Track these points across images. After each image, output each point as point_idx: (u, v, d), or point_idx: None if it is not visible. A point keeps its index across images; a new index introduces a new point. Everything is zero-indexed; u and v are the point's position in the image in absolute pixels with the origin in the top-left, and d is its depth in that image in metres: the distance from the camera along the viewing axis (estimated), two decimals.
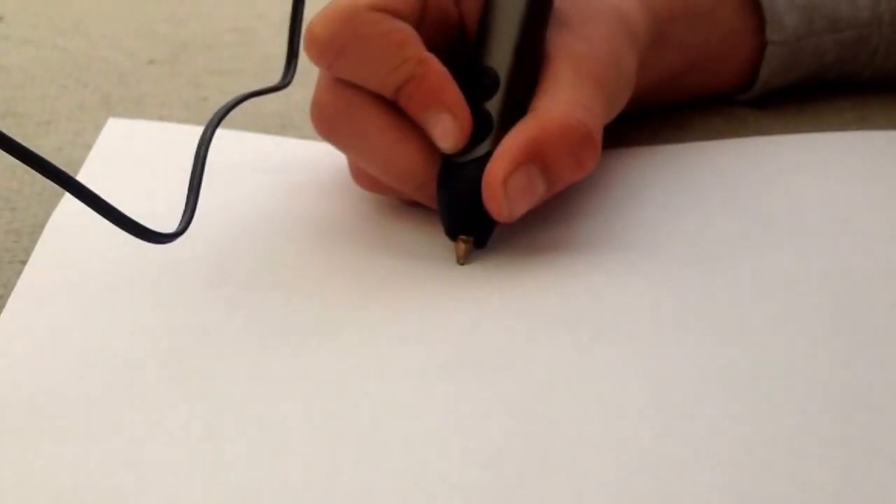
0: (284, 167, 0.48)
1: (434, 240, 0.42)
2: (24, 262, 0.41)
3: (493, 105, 0.40)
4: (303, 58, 0.42)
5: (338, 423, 0.32)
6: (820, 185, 0.46)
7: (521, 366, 0.35)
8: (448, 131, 0.39)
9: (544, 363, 0.35)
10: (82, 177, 0.45)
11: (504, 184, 0.38)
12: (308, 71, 0.43)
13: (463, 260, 0.40)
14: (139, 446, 0.31)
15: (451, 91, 0.39)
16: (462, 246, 0.40)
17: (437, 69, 0.39)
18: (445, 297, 0.38)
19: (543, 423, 0.32)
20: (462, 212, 0.40)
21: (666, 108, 0.54)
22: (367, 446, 0.31)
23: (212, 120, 0.42)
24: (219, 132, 0.50)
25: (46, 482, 0.29)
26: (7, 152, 0.33)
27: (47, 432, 0.31)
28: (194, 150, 0.41)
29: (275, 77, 0.48)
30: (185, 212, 0.39)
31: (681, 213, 0.44)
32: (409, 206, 0.44)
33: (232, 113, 0.55)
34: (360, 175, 0.43)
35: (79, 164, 0.48)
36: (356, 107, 0.40)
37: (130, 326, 0.36)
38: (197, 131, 0.42)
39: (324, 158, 0.48)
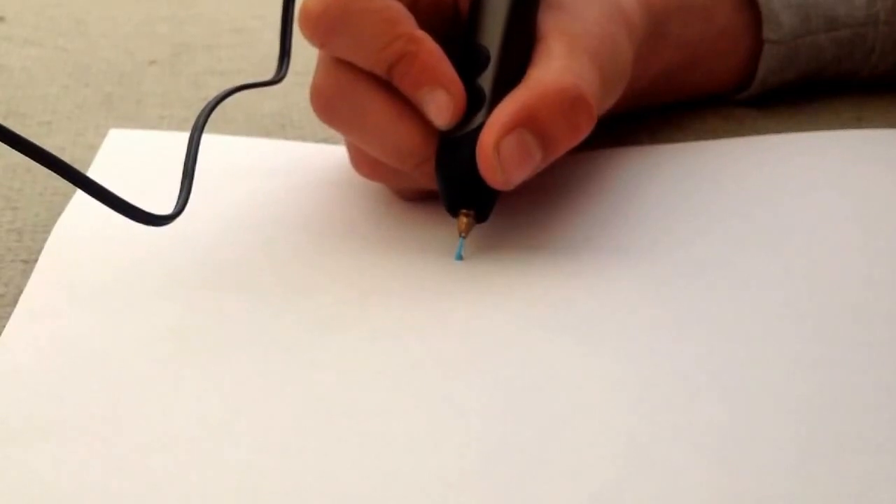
0: (281, 169, 0.48)
1: (433, 239, 0.42)
2: (25, 262, 0.41)
3: (486, 79, 0.40)
4: (302, 58, 0.42)
5: (338, 422, 0.32)
6: (817, 185, 0.46)
7: (520, 364, 0.35)
8: (442, 107, 0.39)
9: (542, 361, 0.35)
10: None
11: (496, 148, 0.38)
12: (307, 71, 0.43)
13: (465, 233, 0.40)
14: (142, 450, 0.31)
15: (444, 67, 0.39)
16: (463, 220, 0.40)
17: (428, 46, 0.39)
18: (444, 296, 0.39)
19: (541, 421, 0.32)
20: (460, 184, 0.40)
21: (664, 107, 0.54)
22: (366, 444, 0.31)
23: (204, 109, 0.43)
24: (215, 137, 0.50)
25: (51, 486, 0.30)
26: (13, 148, 0.33)
27: (52, 437, 0.31)
28: (189, 141, 0.41)
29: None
30: (180, 195, 0.39)
31: (679, 212, 0.44)
32: (408, 203, 0.44)
33: (232, 113, 0.55)
34: (361, 161, 0.43)
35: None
36: (354, 87, 0.40)
37: (133, 331, 0.36)
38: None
39: (321, 159, 0.48)
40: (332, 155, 0.49)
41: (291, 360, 0.35)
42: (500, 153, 0.38)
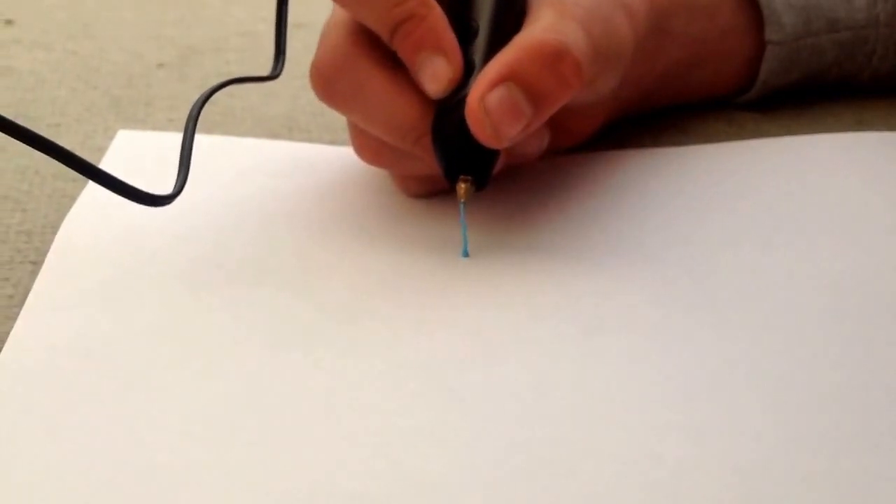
0: (287, 169, 0.48)
1: (438, 236, 0.42)
2: (34, 263, 0.41)
3: (476, 50, 0.40)
4: (305, 62, 0.42)
5: (343, 419, 0.32)
6: (819, 186, 0.46)
7: (524, 361, 0.35)
8: (439, 74, 0.39)
9: (546, 359, 0.35)
10: (92, 187, 0.45)
11: (482, 102, 0.38)
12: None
13: (464, 199, 0.40)
14: (150, 448, 0.31)
15: (448, 35, 0.40)
16: (462, 186, 0.40)
17: (437, 13, 0.40)
18: (450, 293, 0.39)
19: (545, 418, 0.32)
20: (455, 150, 0.40)
21: (667, 111, 0.54)
22: (371, 442, 0.31)
23: (199, 99, 0.44)
24: (222, 138, 0.50)
25: (58, 485, 0.30)
26: (21, 141, 0.34)
27: (61, 436, 0.32)
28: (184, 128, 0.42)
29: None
30: (178, 176, 0.40)
31: (682, 214, 0.44)
32: (413, 201, 0.45)
33: (239, 115, 0.55)
34: (363, 146, 0.43)
35: None
36: (352, 64, 0.40)
37: (140, 328, 0.37)
38: (203, 140, 0.43)
39: (326, 160, 0.49)
40: (337, 155, 0.49)
41: (297, 358, 0.35)
42: (487, 108, 0.38)
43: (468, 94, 0.39)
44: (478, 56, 0.40)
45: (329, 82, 0.41)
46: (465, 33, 0.41)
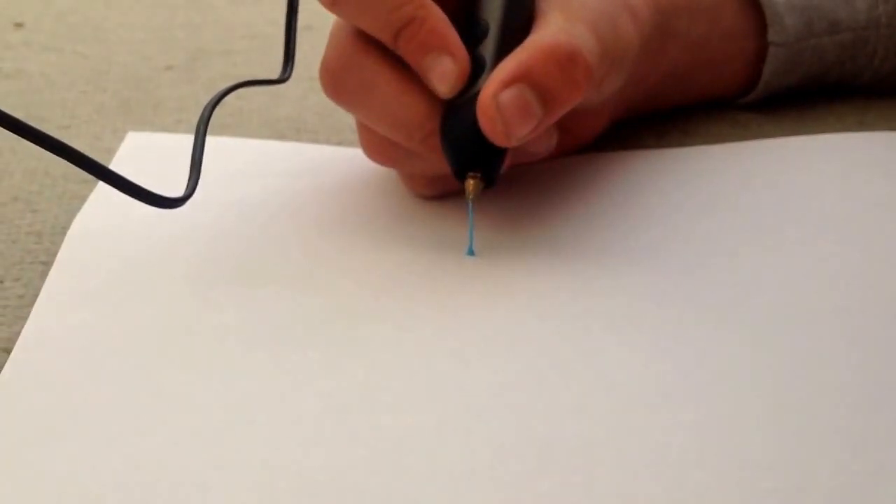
0: (295, 170, 0.49)
1: (444, 236, 0.42)
2: (44, 263, 0.42)
3: (486, 48, 0.41)
4: (313, 64, 0.43)
5: (351, 416, 0.33)
6: (821, 187, 0.46)
7: (529, 359, 0.35)
8: (447, 73, 0.40)
9: (550, 357, 0.35)
10: (102, 188, 0.46)
11: (494, 100, 0.39)
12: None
13: (472, 196, 0.41)
14: (162, 447, 0.32)
15: (451, 34, 0.40)
16: (471, 182, 0.41)
17: (436, 13, 0.40)
18: (456, 291, 0.39)
19: (550, 416, 0.33)
20: (465, 146, 0.40)
21: (671, 111, 0.55)
22: (379, 439, 0.32)
23: (210, 102, 0.44)
24: (230, 140, 0.50)
25: (69, 484, 0.30)
26: (34, 142, 0.35)
27: (72, 435, 0.32)
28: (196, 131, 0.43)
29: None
30: (189, 178, 0.41)
31: (686, 214, 0.44)
32: (420, 201, 0.45)
33: (247, 117, 0.56)
34: (371, 145, 0.44)
35: None
36: (361, 62, 0.41)
37: (150, 328, 0.37)
38: (211, 141, 0.43)
39: (334, 161, 0.49)
40: (344, 157, 0.49)
41: (305, 357, 0.36)
42: (499, 107, 0.39)
43: (479, 91, 0.39)
44: (488, 54, 0.40)
45: (337, 80, 0.42)
46: (473, 31, 0.41)
